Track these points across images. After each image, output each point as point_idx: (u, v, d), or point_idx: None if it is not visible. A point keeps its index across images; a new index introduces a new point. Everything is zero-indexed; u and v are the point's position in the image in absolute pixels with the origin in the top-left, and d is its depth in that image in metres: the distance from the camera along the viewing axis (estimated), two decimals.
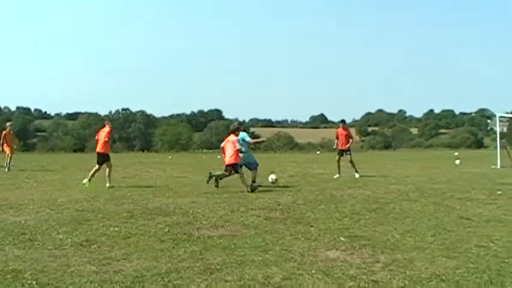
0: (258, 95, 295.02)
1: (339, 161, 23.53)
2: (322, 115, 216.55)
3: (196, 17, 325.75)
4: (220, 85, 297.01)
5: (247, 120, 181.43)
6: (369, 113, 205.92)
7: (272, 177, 19.93)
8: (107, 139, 19.20)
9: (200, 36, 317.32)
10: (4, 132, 28.50)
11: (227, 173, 18.37)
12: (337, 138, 23.90)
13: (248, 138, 19.67)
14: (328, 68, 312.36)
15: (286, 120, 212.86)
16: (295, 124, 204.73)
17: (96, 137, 19.82)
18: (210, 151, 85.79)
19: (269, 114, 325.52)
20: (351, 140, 23.66)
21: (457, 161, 34.10)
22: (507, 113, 36.97)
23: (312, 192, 16.80)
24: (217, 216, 11.96)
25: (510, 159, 31.65)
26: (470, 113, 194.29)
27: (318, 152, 62.27)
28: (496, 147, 32.39)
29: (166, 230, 10.36)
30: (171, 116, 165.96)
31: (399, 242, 9.48)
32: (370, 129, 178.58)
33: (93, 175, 19.10)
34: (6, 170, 26.52)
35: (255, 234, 10.01)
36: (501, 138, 33.79)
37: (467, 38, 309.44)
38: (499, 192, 16.84)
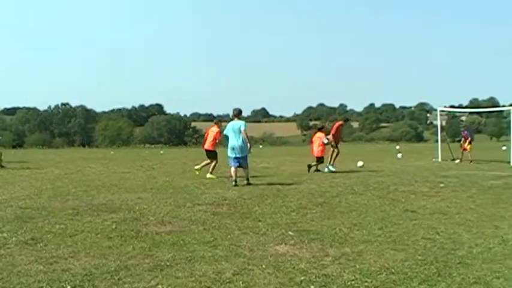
0: (200, 89, 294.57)
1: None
2: (263, 109, 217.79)
3: (134, 10, 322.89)
4: (162, 79, 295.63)
5: (188, 114, 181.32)
6: (310, 107, 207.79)
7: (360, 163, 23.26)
8: (216, 139, 21.54)
9: (140, 30, 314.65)
10: None
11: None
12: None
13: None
14: (270, 62, 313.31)
15: (228, 115, 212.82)
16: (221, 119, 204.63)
17: (206, 135, 22.30)
18: (153, 146, 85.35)
19: (210, 108, 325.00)
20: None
21: (399, 155, 34.61)
22: (446, 106, 37.64)
23: (257, 187, 16.85)
24: (164, 212, 11.89)
25: (450, 153, 32.27)
26: (410, 107, 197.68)
27: (260, 146, 62.44)
28: (437, 140, 32.98)
29: (113, 226, 10.24)
30: (112, 111, 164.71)
31: (347, 235, 9.56)
32: (311, 123, 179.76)
33: (204, 166, 21.77)
34: None
35: (203, 230, 9.97)
36: (441, 131, 34.42)
37: (405, 34, 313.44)
38: (441, 185, 17.18)
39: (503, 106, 78.26)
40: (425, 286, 6.56)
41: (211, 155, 21.51)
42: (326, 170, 22.97)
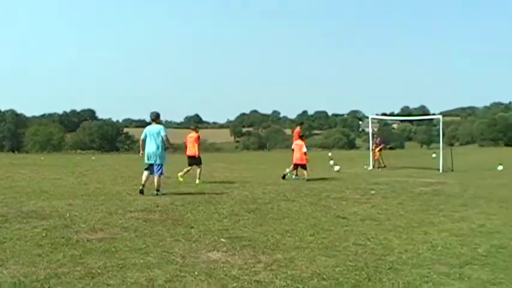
0: (133, 95, 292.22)
1: None
2: (196, 115, 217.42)
3: (66, 14, 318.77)
4: (94, 84, 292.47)
5: (120, 120, 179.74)
6: (243, 114, 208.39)
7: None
8: (197, 143, 21.82)
9: (73, 33, 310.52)
10: None
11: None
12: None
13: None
14: (203, 69, 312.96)
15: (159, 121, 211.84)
16: (169, 124, 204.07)
17: (185, 142, 22.44)
18: (84, 152, 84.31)
19: (143, 114, 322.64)
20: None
21: (331, 162, 34.92)
22: (377, 114, 38.21)
23: (190, 194, 16.79)
24: (96, 219, 11.73)
25: (381, 160, 32.79)
26: (343, 115, 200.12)
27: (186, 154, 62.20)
28: (368, 148, 33.48)
29: (43, 234, 10.05)
30: (43, 116, 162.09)
31: (279, 242, 9.64)
32: (244, 129, 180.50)
33: (185, 173, 21.90)
34: None
35: (135, 237, 9.91)
36: (373, 139, 34.93)
37: (338, 41, 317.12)
38: (372, 192, 17.45)
39: (434, 114, 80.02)
40: None
41: (196, 160, 21.74)
42: (294, 177, 23.10)
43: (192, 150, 21.85)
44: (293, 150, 23.56)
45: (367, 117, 37.26)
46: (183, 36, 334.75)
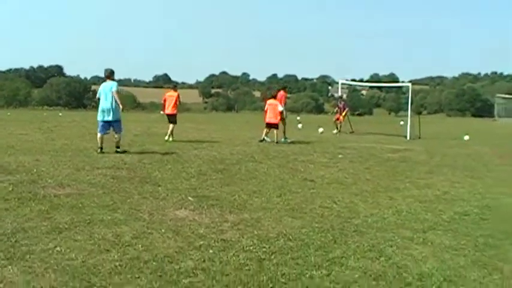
0: (101, 53, 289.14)
1: None
2: (165, 75, 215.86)
3: None
4: (62, 40, 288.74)
5: (89, 77, 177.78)
6: (212, 75, 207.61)
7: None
8: (177, 103, 22.70)
9: None
10: None
11: None
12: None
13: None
14: (174, 28, 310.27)
15: (129, 79, 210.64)
16: (138, 83, 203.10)
17: (163, 101, 22.94)
18: (51, 108, 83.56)
19: None
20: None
21: (299, 125, 35.07)
22: (347, 80, 38.29)
23: (157, 152, 16.76)
24: (63, 175, 11.70)
25: (350, 125, 32.93)
26: (312, 79, 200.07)
27: (161, 112, 61.90)
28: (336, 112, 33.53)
29: (10, 188, 10.00)
30: (9, 71, 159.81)
31: (246, 202, 9.70)
32: (213, 91, 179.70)
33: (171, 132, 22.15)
34: None
35: (103, 194, 9.90)
36: (337, 103, 35.02)
37: (309, 7, 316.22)
38: (340, 156, 17.57)
39: (403, 82, 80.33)
40: (321, 252, 6.74)
41: (174, 119, 22.31)
42: (283, 140, 22.88)
43: (171, 109, 22.34)
44: (266, 110, 23.22)
45: (337, 83, 37.27)
46: None
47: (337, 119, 32.42)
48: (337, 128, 31.79)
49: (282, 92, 24.23)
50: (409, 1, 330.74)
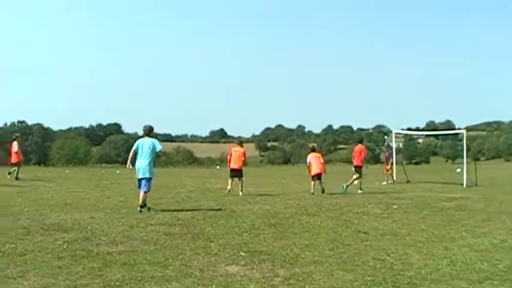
0: (158, 109, 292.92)
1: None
2: (221, 130, 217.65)
3: (86, 25, 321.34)
4: (120, 98, 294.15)
5: None
6: (268, 128, 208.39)
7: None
8: (243, 158, 23.07)
9: (99, 47, 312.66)
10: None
11: None
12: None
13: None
14: (228, 83, 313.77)
15: (186, 135, 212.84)
16: (194, 139, 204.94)
17: (229, 155, 23.34)
18: (109, 165, 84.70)
19: (169, 128, 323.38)
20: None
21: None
22: (403, 129, 38.04)
23: (211, 208, 16.84)
24: (116, 232, 11.84)
25: (405, 174, 32.65)
26: (368, 129, 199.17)
27: (217, 167, 62.27)
28: (393, 162, 33.31)
29: (64, 246, 10.18)
30: (69, 129, 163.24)
31: (298, 256, 9.66)
32: (269, 144, 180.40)
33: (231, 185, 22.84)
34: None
35: (155, 250, 9.99)
36: (397, 153, 34.82)
37: (363, 56, 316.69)
38: (394, 207, 17.40)
39: (459, 129, 79.55)
40: None
41: (240, 173, 22.85)
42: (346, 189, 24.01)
43: (237, 163, 22.84)
44: (309, 164, 23.62)
45: (392, 132, 37.12)
46: (207, 51, 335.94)
47: (386, 169, 32.23)
48: (387, 179, 31.55)
49: (359, 146, 24.45)
50: (461, 47, 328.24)
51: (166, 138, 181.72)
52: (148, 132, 16.72)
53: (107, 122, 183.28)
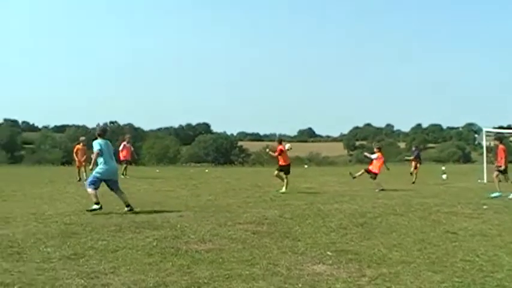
0: (246, 108, 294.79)
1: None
2: (310, 129, 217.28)
3: (184, 27, 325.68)
4: (209, 98, 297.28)
5: (235, 133, 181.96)
6: (356, 127, 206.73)
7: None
8: (276, 154, 23.43)
9: (186, 49, 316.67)
10: (77, 146, 30.25)
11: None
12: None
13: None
14: (316, 81, 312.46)
15: (274, 134, 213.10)
16: (283, 138, 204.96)
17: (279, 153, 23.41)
18: (199, 165, 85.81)
19: (257, 127, 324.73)
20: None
21: (444, 176, 34.26)
22: (494, 127, 37.15)
23: (299, 207, 16.84)
24: (205, 230, 11.99)
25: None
26: (458, 128, 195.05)
27: (305, 166, 62.19)
28: (483, 161, 32.58)
29: (154, 243, 10.39)
30: (159, 129, 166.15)
31: (385, 256, 9.57)
32: (357, 143, 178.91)
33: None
34: (79, 181, 27.62)
35: (243, 249, 10.07)
36: (488, 152, 34.01)
37: (454, 54, 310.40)
38: (484, 207, 17.00)
39: None
40: None
41: (288, 169, 23.31)
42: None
43: (288, 160, 23.54)
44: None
45: (482, 130, 36.24)
46: (293, 49, 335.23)
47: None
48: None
49: (500, 146, 23.75)
50: None
51: (254, 137, 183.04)
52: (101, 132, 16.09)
53: (196, 121, 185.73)
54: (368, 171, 24.98)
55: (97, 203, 15.21)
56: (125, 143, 33.91)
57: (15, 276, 7.85)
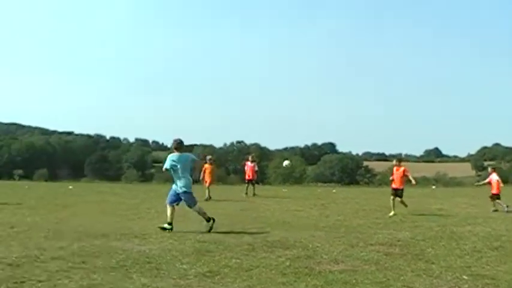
0: (372, 128, 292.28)
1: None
2: (436, 149, 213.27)
3: (302, 47, 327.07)
4: (334, 118, 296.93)
5: (360, 153, 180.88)
6: (485, 147, 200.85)
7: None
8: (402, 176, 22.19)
9: (311, 70, 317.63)
10: (205, 165, 30.53)
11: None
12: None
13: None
14: (443, 100, 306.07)
15: (400, 154, 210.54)
16: (409, 158, 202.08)
17: (392, 176, 22.69)
18: (325, 184, 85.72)
19: (383, 148, 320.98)
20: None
21: None
22: None
23: (431, 228, 16.53)
24: (337, 251, 11.97)
25: None
26: None
27: (433, 187, 60.97)
28: None
29: (287, 263, 10.46)
30: (285, 149, 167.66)
31: None
32: (486, 163, 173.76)
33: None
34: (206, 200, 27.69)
35: (376, 270, 9.98)
36: None
37: None
38: None
39: None
40: None
41: (402, 193, 22.20)
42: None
43: (398, 183, 22.16)
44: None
45: None
46: (423, 67, 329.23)
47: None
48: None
49: None
50: None
51: (379, 157, 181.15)
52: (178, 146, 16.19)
53: (322, 141, 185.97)
54: (492, 196, 24.41)
55: (170, 223, 15.34)
56: (248, 162, 34.48)
57: None
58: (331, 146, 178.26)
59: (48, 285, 8.44)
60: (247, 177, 33.85)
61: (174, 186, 15.84)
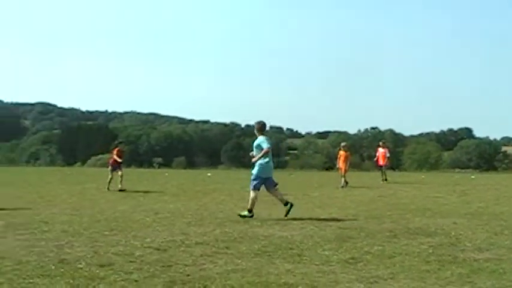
0: (509, 112, 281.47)
1: None
2: None
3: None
4: (472, 103, 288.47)
5: (498, 138, 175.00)
6: None
7: None
8: None
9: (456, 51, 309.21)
10: (340, 152, 30.69)
11: None
12: None
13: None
14: None
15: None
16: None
17: None
18: (463, 171, 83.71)
19: None
20: None
21: None
22: None
23: None
24: (481, 239, 11.67)
25: None
26: None
27: None
28: None
29: (430, 250, 10.30)
30: (420, 135, 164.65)
31: None
32: None
33: None
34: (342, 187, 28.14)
35: None
36: None
37: None
38: None
39: None
40: None
41: None
42: None
43: None
44: None
45: None
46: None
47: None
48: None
49: None
50: None
51: None
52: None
53: (458, 126, 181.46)
54: None
55: (250, 211, 15.17)
56: (380, 148, 34.58)
57: (297, 277, 8.16)
58: (468, 131, 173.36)
59: (194, 269, 8.66)
60: (379, 163, 33.78)
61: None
